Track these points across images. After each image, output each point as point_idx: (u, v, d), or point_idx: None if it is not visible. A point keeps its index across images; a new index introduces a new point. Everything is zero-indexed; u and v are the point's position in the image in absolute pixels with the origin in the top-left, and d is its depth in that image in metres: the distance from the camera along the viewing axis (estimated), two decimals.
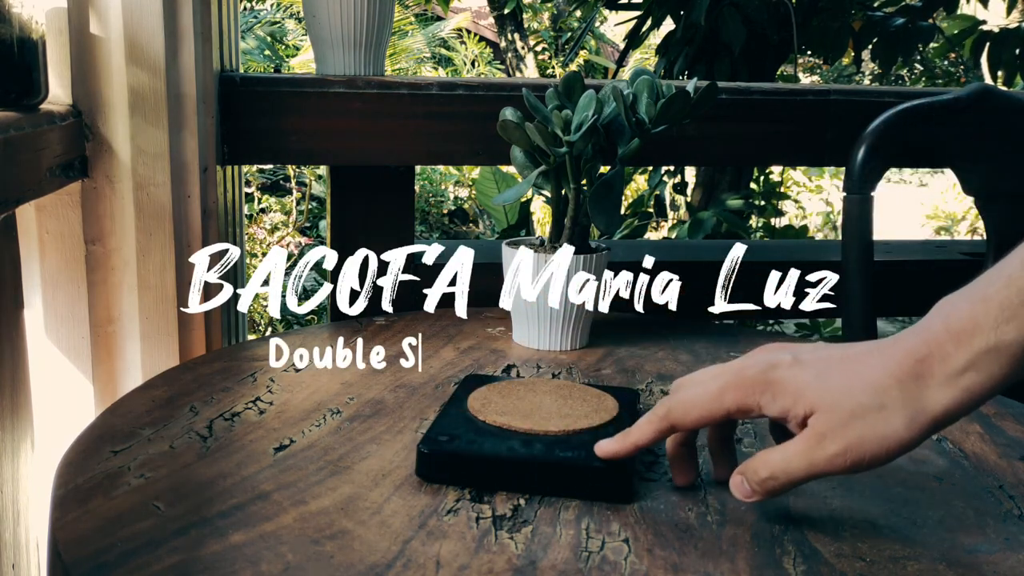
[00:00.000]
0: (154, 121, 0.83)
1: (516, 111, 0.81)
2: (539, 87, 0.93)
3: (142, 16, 0.81)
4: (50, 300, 0.85)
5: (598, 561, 0.47)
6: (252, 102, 0.94)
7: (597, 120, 0.77)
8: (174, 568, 0.45)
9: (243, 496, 0.53)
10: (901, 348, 0.47)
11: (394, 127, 0.96)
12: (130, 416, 0.64)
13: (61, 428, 0.86)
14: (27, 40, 0.72)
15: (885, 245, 1.19)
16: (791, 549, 0.50)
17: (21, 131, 0.68)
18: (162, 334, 0.87)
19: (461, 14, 7.91)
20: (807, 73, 6.81)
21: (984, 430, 0.68)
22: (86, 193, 0.84)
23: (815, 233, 5.86)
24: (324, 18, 0.97)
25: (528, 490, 0.55)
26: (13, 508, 0.72)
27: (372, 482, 0.55)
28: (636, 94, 0.80)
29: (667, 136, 0.82)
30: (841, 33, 2.52)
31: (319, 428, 0.63)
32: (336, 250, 1.03)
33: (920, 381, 0.45)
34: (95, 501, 0.51)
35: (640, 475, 0.57)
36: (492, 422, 0.59)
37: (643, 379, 0.77)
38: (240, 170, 1.02)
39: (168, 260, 0.86)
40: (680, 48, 2.48)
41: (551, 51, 7.70)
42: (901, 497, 0.56)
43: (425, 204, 5.22)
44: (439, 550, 0.48)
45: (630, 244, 1.36)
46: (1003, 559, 0.49)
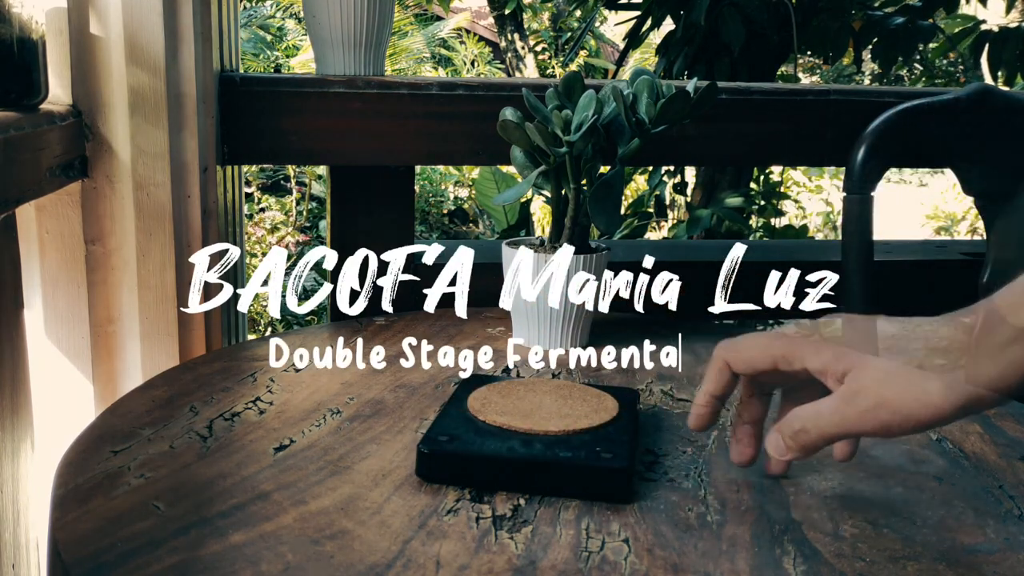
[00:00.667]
0: (154, 121, 0.83)
1: (516, 111, 0.81)
2: (539, 87, 0.93)
3: (142, 16, 0.81)
4: (50, 300, 0.85)
5: (598, 561, 0.47)
6: (252, 102, 0.94)
7: (597, 120, 0.77)
8: (174, 568, 0.45)
9: (243, 496, 0.53)
10: (951, 319, 0.47)
11: (394, 127, 0.96)
12: (130, 416, 0.64)
13: (61, 428, 0.86)
14: (27, 40, 0.72)
15: (885, 245, 1.19)
16: (791, 549, 0.50)
17: (21, 131, 0.68)
18: (162, 334, 0.87)
19: (460, 14, 7.91)
20: (807, 73, 6.81)
21: (984, 430, 0.68)
22: (86, 193, 0.84)
23: (815, 233, 5.86)
24: (324, 18, 0.97)
25: (528, 490, 0.55)
26: (13, 508, 0.72)
27: (372, 482, 0.55)
28: (636, 94, 0.80)
29: (667, 136, 0.82)
30: (841, 33, 2.52)
31: (319, 428, 0.63)
32: (336, 250, 1.03)
33: (965, 350, 0.45)
34: (95, 501, 0.51)
35: (640, 475, 0.57)
36: (492, 422, 0.59)
37: (643, 379, 0.77)
38: (240, 170, 1.02)
39: (168, 260, 0.86)
40: (680, 48, 2.48)
41: (551, 51, 7.70)
42: (901, 497, 0.56)
43: (425, 204, 5.22)
44: (439, 550, 0.48)
45: (630, 244, 1.36)
46: (1003, 559, 0.49)
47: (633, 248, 1.20)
